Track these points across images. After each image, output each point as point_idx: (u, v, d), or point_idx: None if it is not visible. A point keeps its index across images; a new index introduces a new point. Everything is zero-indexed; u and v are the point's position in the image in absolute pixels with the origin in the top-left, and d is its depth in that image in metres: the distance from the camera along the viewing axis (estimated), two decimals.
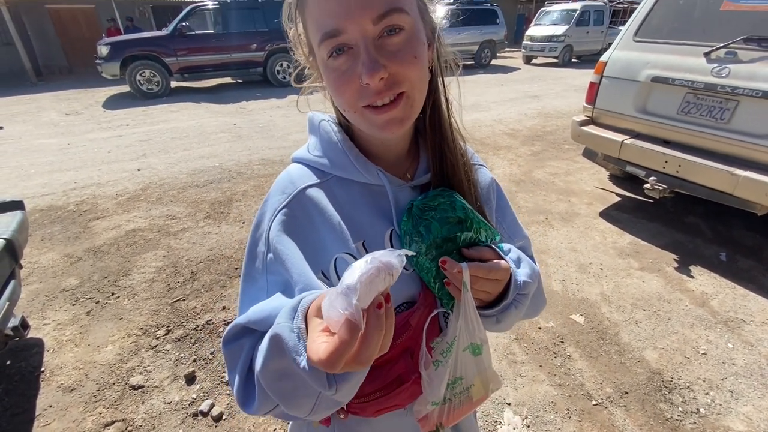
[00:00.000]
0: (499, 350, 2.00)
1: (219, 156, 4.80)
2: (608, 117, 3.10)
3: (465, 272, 0.49)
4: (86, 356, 1.98)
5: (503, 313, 0.55)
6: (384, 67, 0.43)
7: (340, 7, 0.41)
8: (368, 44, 0.43)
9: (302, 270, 0.51)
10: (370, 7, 0.41)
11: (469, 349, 0.55)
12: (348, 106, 0.48)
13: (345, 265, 0.52)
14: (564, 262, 2.71)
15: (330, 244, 0.53)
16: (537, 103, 7.62)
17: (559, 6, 13.89)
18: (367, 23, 0.42)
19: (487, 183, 0.67)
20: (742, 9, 2.46)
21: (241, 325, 0.51)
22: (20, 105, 8.02)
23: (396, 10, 0.43)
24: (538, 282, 0.59)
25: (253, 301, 0.54)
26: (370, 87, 0.44)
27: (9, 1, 10.23)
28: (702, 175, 2.50)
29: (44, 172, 4.35)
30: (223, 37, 8.65)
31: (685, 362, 1.91)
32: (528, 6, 22.46)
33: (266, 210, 0.56)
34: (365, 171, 0.55)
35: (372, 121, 0.48)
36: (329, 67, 0.46)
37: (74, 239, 3.04)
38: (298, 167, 0.59)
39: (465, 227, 0.53)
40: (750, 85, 2.29)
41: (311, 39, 0.47)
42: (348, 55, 0.44)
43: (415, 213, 0.53)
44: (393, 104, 0.46)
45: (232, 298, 2.38)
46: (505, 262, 0.53)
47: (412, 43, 0.45)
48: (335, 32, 0.42)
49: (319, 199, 0.55)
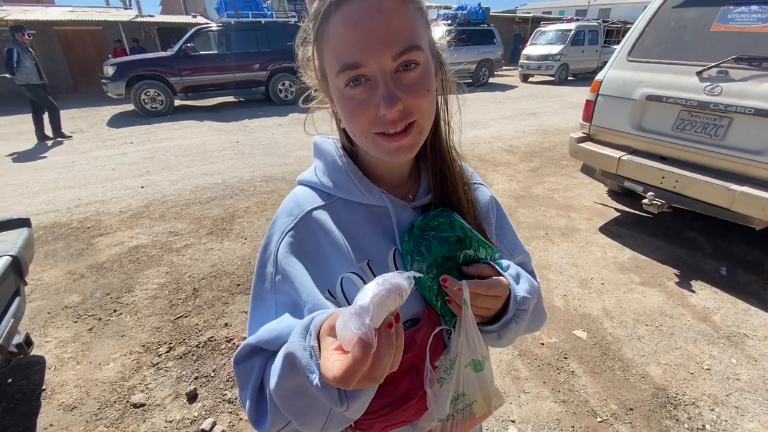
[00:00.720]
0: (503, 366, 1.99)
1: (222, 173, 4.85)
2: (605, 134, 3.16)
3: (465, 290, 0.51)
4: (88, 374, 1.97)
5: (504, 329, 0.56)
6: (400, 99, 0.45)
7: (362, 42, 0.44)
8: (387, 78, 0.45)
9: (310, 290, 0.52)
10: (390, 45, 0.44)
11: (471, 366, 0.56)
12: (360, 133, 0.50)
13: (351, 284, 0.54)
14: (565, 277, 2.72)
15: (336, 264, 0.55)
16: (535, 120, 7.74)
17: (555, 26, 14.26)
18: (387, 59, 0.44)
19: (487, 201, 0.69)
20: (731, 30, 2.55)
21: (251, 345, 0.53)
22: (26, 124, 8.12)
23: (413, 48, 0.45)
24: (537, 297, 0.61)
25: (262, 321, 0.55)
26: (386, 117, 0.46)
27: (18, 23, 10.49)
28: (699, 190, 2.53)
29: (48, 189, 4.40)
30: (226, 58, 8.86)
31: (689, 378, 1.90)
32: (524, 26, 23.05)
33: (274, 232, 0.58)
34: (369, 193, 0.57)
35: (383, 148, 0.50)
36: (346, 95, 0.47)
37: (77, 256, 3.05)
38: (304, 190, 0.61)
39: (464, 246, 0.55)
40: (742, 103, 2.35)
41: (327, 66, 0.49)
42: (365, 86, 0.46)
43: (416, 233, 0.55)
44: (404, 132, 0.48)
45: (234, 315, 2.38)
46: (504, 279, 0.55)
47: (425, 78, 0.48)
48: (356, 65, 0.44)
49: (324, 221, 0.57)
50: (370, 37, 0.44)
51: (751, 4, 2.47)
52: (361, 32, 0.44)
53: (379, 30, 0.44)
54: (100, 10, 14.41)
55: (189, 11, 17.20)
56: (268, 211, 3.76)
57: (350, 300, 0.54)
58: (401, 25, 0.45)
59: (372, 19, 0.43)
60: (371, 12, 0.43)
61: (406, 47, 0.45)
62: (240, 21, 8.93)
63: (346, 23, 0.44)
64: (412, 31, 0.46)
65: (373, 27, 0.43)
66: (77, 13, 12.63)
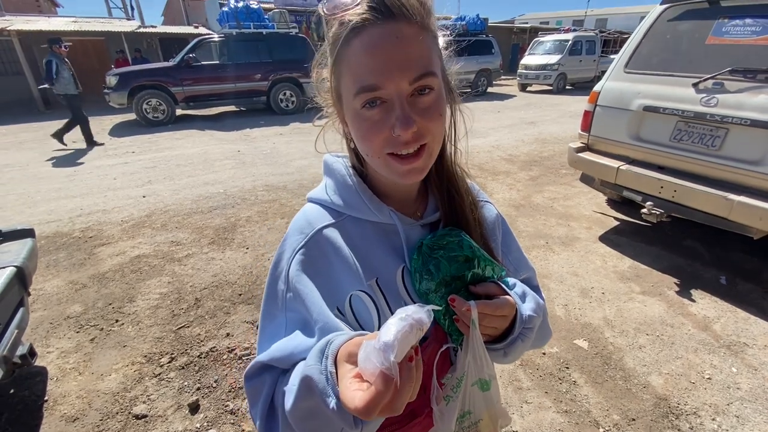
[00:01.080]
0: (505, 377, 2.00)
1: (223, 182, 4.88)
2: (603, 144, 3.19)
3: (473, 310, 0.52)
4: (90, 385, 1.97)
5: (510, 347, 0.58)
6: (415, 122, 0.47)
7: (381, 67, 0.46)
8: (403, 101, 0.47)
9: (321, 309, 0.54)
10: (408, 70, 0.46)
11: (478, 385, 0.57)
12: (373, 153, 0.51)
13: (359, 303, 0.56)
14: (566, 286, 2.73)
15: (345, 282, 0.56)
16: (533, 129, 7.81)
17: (552, 36, 14.45)
18: (404, 83, 0.46)
19: (493, 219, 0.71)
20: (726, 43, 2.60)
21: (262, 362, 0.55)
22: (28, 132, 8.20)
23: (429, 74, 0.48)
24: (543, 315, 0.62)
25: (272, 338, 0.57)
26: (399, 138, 0.48)
27: (21, 33, 10.61)
28: (697, 199, 2.56)
29: (50, 198, 4.42)
30: (228, 68, 8.95)
31: (690, 387, 1.90)
32: (522, 36, 23.32)
33: (285, 249, 0.59)
34: (378, 211, 0.59)
35: (394, 169, 0.52)
36: (361, 116, 0.49)
37: (79, 266, 3.06)
38: (314, 207, 0.62)
39: (472, 265, 0.56)
40: (738, 114, 2.39)
41: (343, 88, 0.51)
42: (381, 108, 0.48)
43: (425, 251, 0.56)
44: (416, 155, 0.50)
45: (236, 325, 2.39)
46: (511, 298, 0.57)
47: (438, 102, 0.50)
48: (374, 87, 0.46)
49: (334, 238, 0.58)
50: (389, 62, 0.46)
51: (746, 17, 2.52)
52: (381, 57, 0.45)
53: (398, 56, 0.46)
54: (103, 20, 14.56)
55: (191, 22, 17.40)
56: (270, 221, 3.78)
57: (359, 318, 0.56)
58: (418, 52, 0.47)
59: (392, 45, 0.45)
60: (391, 38, 0.45)
61: (422, 73, 0.47)
62: (242, 32, 9.05)
63: (367, 48, 0.46)
64: (428, 58, 0.48)
65: (393, 53, 0.45)
66: (80, 23, 12.76)
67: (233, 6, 9.16)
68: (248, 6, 9.26)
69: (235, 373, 2.03)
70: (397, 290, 0.58)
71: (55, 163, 5.89)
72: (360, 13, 0.46)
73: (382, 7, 0.46)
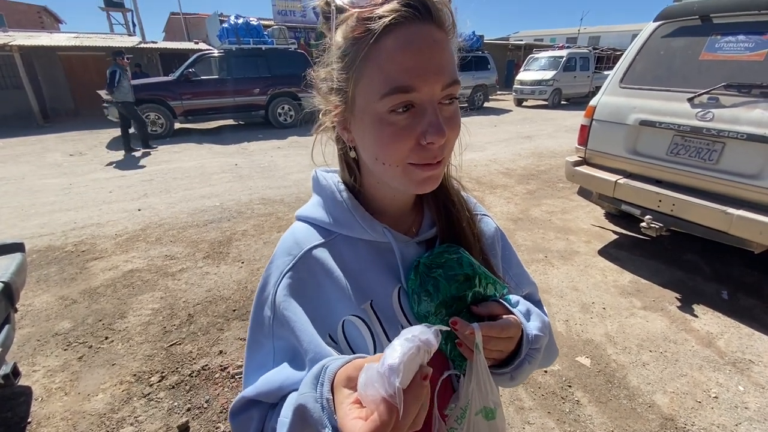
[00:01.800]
0: (506, 396, 1.94)
1: (220, 196, 4.85)
2: (600, 158, 3.20)
3: (477, 333, 0.48)
4: (75, 405, 1.90)
5: (517, 371, 0.55)
6: (445, 131, 0.45)
7: (419, 68, 0.43)
8: (436, 107, 0.45)
9: (311, 338, 0.50)
10: (443, 74, 0.44)
11: (482, 413, 0.53)
12: (393, 161, 0.48)
13: (353, 328, 0.52)
14: (566, 301, 2.69)
15: (337, 306, 0.53)
16: (530, 143, 7.86)
17: (547, 53, 14.72)
18: (438, 88, 0.44)
19: (492, 233, 0.68)
20: (719, 58, 2.63)
21: (249, 398, 0.51)
22: (25, 146, 8.18)
23: (457, 82, 0.46)
24: (549, 333, 0.59)
25: (259, 369, 0.53)
26: (431, 147, 0.45)
27: (22, 48, 10.70)
28: (696, 213, 2.54)
29: (44, 212, 4.37)
30: (227, 82, 9.03)
31: (697, 407, 1.85)
32: (517, 53, 23.75)
33: (271, 272, 0.56)
34: (371, 229, 0.56)
35: (413, 177, 0.49)
36: (386, 120, 0.45)
37: (70, 280, 3.00)
38: (302, 226, 0.59)
39: (473, 284, 0.53)
40: (734, 128, 2.40)
41: (364, 89, 0.46)
42: (411, 113, 0.45)
43: (422, 271, 0.53)
44: (437, 164, 0.48)
45: (230, 342, 2.32)
46: (515, 318, 0.53)
47: (458, 114, 0.49)
48: (408, 88, 0.43)
49: (325, 259, 0.55)
50: (426, 63, 0.43)
51: (738, 34, 2.56)
52: (419, 58, 0.43)
53: (435, 59, 0.44)
54: (104, 36, 14.74)
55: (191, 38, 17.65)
56: (266, 234, 3.74)
57: (352, 345, 0.52)
58: (450, 58, 0.46)
59: (429, 46, 0.43)
60: (428, 39, 0.43)
61: (453, 80, 0.45)
62: (241, 47, 9.16)
63: (404, 47, 0.43)
64: (455, 66, 0.47)
65: (431, 55, 0.43)
66: (81, 39, 12.90)
67: (233, 22, 9.31)
68: (248, 22, 9.42)
69: (227, 393, 1.96)
70: (393, 313, 0.54)
71: (52, 176, 5.85)
72: (396, 9, 0.42)
73: (421, 6, 0.43)
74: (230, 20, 9.43)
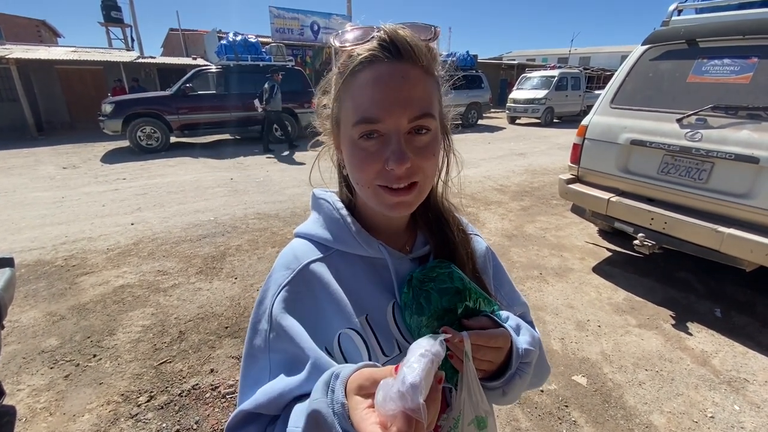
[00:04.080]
0: (502, 416, 1.91)
1: (214, 210, 4.83)
2: (593, 176, 3.24)
3: (466, 341, 0.50)
4: (60, 427, 1.84)
5: (508, 384, 0.56)
6: (409, 158, 0.48)
7: (384, 101, 0.47)
8: (400, 137, 0.48)
9: (312, 344, 0.51)
10: (409, 108, 0.48)
11: (474, 423, 0.53)
12: (364, 183, 0.52)
13: (349, 341, 0.53)
14: (561, 319, 2.69)
15: (333, 319, 0.54)
16: (523, 161, 7.96)
17: (539, 73, 15.08)
18: (404, 120, 0.48)
19: (483, 252, 0.70)
20: (706, 81, 2.71)
21: (246, 411, 0.51)
22: (18, 158, 8.12)
23: (428, 115, 0.49)
24: (539, 349, 0.61)
25: (255, 383, 0.53)
26: (392, 172, 0.49)
27: (19, 61, 10.73)
28: (688, 231, 2.58)
29: (35, 225, 4.31)
30: (224, 97, 9.09)
31: (694, 427, 1.84)
32: (510, 72, 24.28)
33: (269, 287, 0.57)
34: (367, 245, 0.58)
35: (383, 200, 0.52)
36: (358, 145, 0.50)
37: (59, 296, 2.94)
38: (301, 242, 0.61)
39: (464, 297, 0.55)
40: (722, 149, 2.46)
41: (343, 116, 0.52)
42: (378, 141, 0.49)
43: (415, 284, 0.55)
44: (406, 190, 0.51)
45: (221, 360, 2.28)
46: (505, 330, 0.55)
47: (433, 144, 0.52)
48: (374, 120, 0.48)
49: (322, 274, 0.57)
50: (392, 97, 0.47)
51: (723, 57, 2.65)
52: (385, 92, 0.47)
53: (401, 94, 0.47)
54: (102, 50, 14.84)
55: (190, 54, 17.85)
56: (260, 249, 3.71)
57: (348, 357, 0.53)
58: (421, 93, 0.49)
59: (396, 83, 0.47)
60: (397, 77, 0.48)
61: (421, 113, 0.49)
62: (239, 63, 9.27)
63: (373, 82, 0.48)
64: (429, 101, 0.50)
65: (397, 90, 0.47)
66: (79, 53, 12.98)
67: (232, 39, 9.44)
68: (246, 39, 9.56)
69: (218, 414, 1.92)
70: (388, 327, 0.56)
71: (44, 189, 5.80)
72: (370, 49, 0.48)
73: (392, 47, 0.48)
74: (228, 37, 9.57)
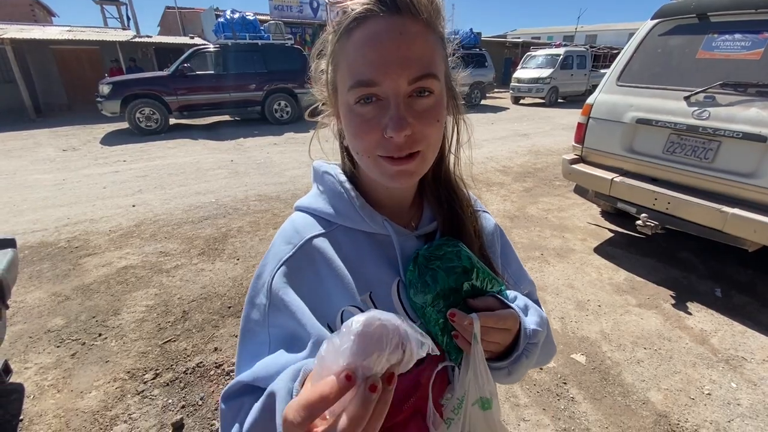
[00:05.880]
0: (501, 393, 1.94)
1: (215, 192, 4.82)
2: (597, 156, 3.20)
3: (476, 323, 0.48)
4: (68, 403, 1.88)
5: (515, 365, 0.54)
6: (410, 125, 0.44)
7: (380, 61, 0.43)
8: (399, 101, 0.44)
9: (313, 321, 0.50)
10: (408, 68, 0.43)
11: (479, 404, 0.53)
12: (364, 152, 0.49)
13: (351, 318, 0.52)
14: (562, 299, 2.70)
15: (336, 296, 0.52)
16: (527, 141, 7.87)
17: (544, 51, 14.72)
18: (403, 82, 0.44)
19: (491, 229, 0.68)
20: (716, 57, 2.63)
21: (244, 382, 0.50)
22: (17, 141, 8.07)
23: (430, 75, 0.45)
24: (547, 329, 0.59)
25: (253, 356, 0.52)
26: (392, 140, 0.45)
27: (14, 41, 10.54)
28: (691, 212, 2.55)
29: (37, 207, 4.32)
30: (222, 78, 8.94)
31: (690, 404, 1.86)
32: (514, 50, 23.73)
33: (268, 261, 0.55)
34: (371, 221, 0.55)
35: (384, 170, 0.49)
36: (354, 111, 0.47)
37: (63, 277, 2.96)
38: (302, 216, 0.59)
39: (470, 276, 0.53)
40: (730, 127, 2.41)
41: (339, 80, 0.48)
42: (376, 106, 0.45)
43: (421, 262, 0.53)
44: (408, 158, 0.47)
45: (225, 339, 2.31)
46: (513, 311, 0.53)
47: (437, 108, 0.47)
48: (370, 83, 0.44)
49: (325, 249, 0.54)
50: (389, 56, 0.43)
51: (735, 32, 2.56)
52: (381, 51, 0.43)
53: (400, 52, 0.43)
54: (98, 30, 14.53)
55: (187, 33, 17.47)
56: (262, 231, 3.71)
57: None
58: (422, 50, 0.45)
59: (394, 40, 0.43)
60: (394, 33, 0.43)
61: (423, 73, 0.44)
62: (237, 42, 9.07)
63: (367, 40, 0.44)
64: (431, 59, 0.46)
65: (394, 48, 0.43)
66: (75, 32, 12.73)
67: (229, 17, 9.22)
68: (244, 17, 9.32)
69: (222, 390, 1.95)
70: (392, 304, 0.55)
71: (44, 171, 5.78)
72: (364, 3, 0.44)
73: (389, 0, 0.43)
74: (226, 15, 9.33)
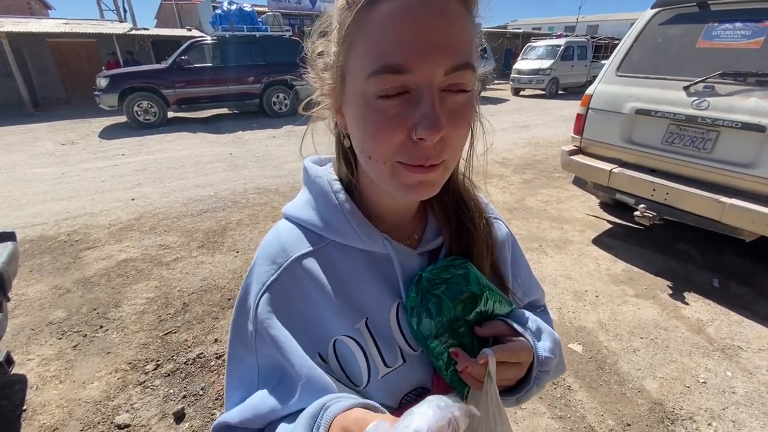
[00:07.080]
0: None
1: (214, 185, 4.82)
2: (596, 147, 3.19)
3: (491, 360, 0.43)
4: (71, 393, 1.91)
5: (525, 396, 0.52)
6: (444, 127, 0.36)
7: (416, 42, 0.34)
8: (434, 95, 0.36)
9: (302, 360, 0.45)
10: (449, 54, 0.35)
11: None
12: (379, 157, 0.40)
13: (346, 349, 0.47)
14: (559, 289, 2.72)
15: (328, 323, 0.47)
16: (526, 133, 7.84)
17: (544, 42, 14.60)
18: (440, 71, 0.35)
19: (503, 238, 0.61)
20: (716, 47, 2.61)
21: (230, 424, 0.46)
22: (15, 135, 8.05)
23: (469, 66, 0.37)
24: (559, 352, 0.54)
25: (242, 386, 0.49)
26: (422, 144, 0.37)
27: (11, 35, 10.46)
28: (689, 202, 2.56)
29: (37, 201, 4.32)
30: (220, 70, 8.88)
31: (685, 392, 1.89)
32: (515, 41, 23.53)
33: (252, 282, 0.49)
34: (369, 239, 0.48)
35: (402, 180, 0.40)
36: (373, 106, 0.37)
37: (64, 270, 2.98)
38: (289, 228, 0.52)
39: (479, 302, 0.48)
40: (729, 117, 2.40)
41: (353, 64, 0.39)
42: (402, 99, 0.36)
43: (424, 286, 0.48)
44: (433, 166, 0.39)
45: (224, 330, 2.33)
46: (526, 341, 0.49)
47: (469, 109, 0.39)
48: (399, 68, 0.35)
49: (314, 271, 0.48)
50: (429, 37, 0.34)
51: (735, 21, 2.54)
52: (418, 29, 0.34)
53: (441, 32, 0.34)
54: (95, 22, 14.40)
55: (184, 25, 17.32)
56: (261, 224, 3.72)
57: (344, 366, 0.47)
58: (463, 35, 0.36)
59: (434, 16, 0.34)
60: (434, 8, 0.34)
61: (463, 62, 0.36)
62: (235, 34, 9.00)
63: (401, 15, 0.34)
64: (470, 47, 0.37)
65: (435, 27, 0.34)
66: (71, 25, 12.62)
67: (226, 9, 9.13)
68: (241, 9, 9.23)
69: (223, 381, 1.98)
70: (390, 332, 0.49)
71: (43, 165, 5.78)
72: None
73: None
74: (223, 6, 9.23)
